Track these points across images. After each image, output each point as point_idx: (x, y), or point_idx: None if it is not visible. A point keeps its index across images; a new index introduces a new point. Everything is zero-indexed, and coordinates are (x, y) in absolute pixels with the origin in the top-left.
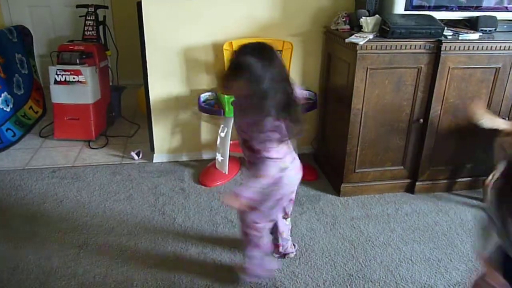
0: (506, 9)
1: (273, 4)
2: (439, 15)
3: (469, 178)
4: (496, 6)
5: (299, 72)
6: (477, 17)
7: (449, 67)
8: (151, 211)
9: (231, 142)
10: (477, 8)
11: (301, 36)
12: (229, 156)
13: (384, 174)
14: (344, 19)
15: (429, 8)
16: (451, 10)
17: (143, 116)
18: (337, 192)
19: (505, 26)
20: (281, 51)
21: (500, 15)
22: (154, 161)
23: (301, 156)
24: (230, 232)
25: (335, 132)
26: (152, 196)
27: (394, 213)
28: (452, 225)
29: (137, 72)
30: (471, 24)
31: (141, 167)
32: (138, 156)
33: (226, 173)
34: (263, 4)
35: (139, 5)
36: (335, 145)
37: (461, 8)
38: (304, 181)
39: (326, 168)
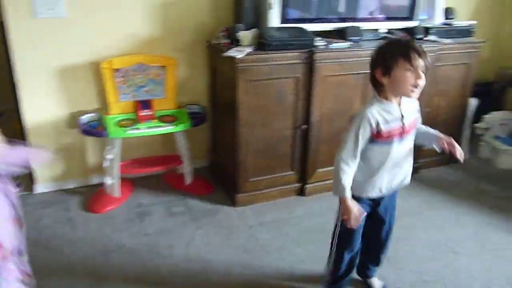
0: (376, 20)
1: (153, 20)
2: (313, 27)
3: None
4: (364, 17)
5: (187, 86)
6: (345, 27)
7: (323, 75)
8: (33, 248)
9: (121, 163)
10: (346, 20)
11: (185, 51)
12: (121, 177)
13: (276, 180)
14: (223, 34)
15: (303, 21)
16: (323, 22)
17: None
18: (233, 203)
19: (370, 35)
20: (164, 67)
21: (367, 25)
22: (36, 192)
23: (196, 170)
24: (125, 260)
25: (226, 144)
26: (34, 231)
27: (288, 217)
28: None
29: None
30: (340, 35)
31: (22, 200)
32: (18, 188)
33: (118, 196)
34: (142, 21)
35: (1, 25)
36: (227, 156)
37: (332, 20)
38: (200, 195)
39: (221, 180)
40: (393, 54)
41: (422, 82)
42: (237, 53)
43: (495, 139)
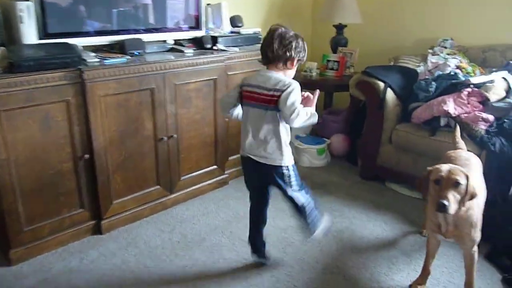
0: (161, 30)
1: None
2: (86, 41)
3: (155, 202)
4: (147, 28)
5: None
6: (124, 40)
7: (99, 95)
8: None
9: None
10: (127, 32)
11: None
12: None
13: (63, 222)
14: None
15: (72, 35)
16: (99, 35)
17: None
18: (7, 261)
19: (155, 47)
20: None
21: (151, 37)
22: None
23: None
24: None
25: None
26: None
27: (79, 264)
28: (141, 258)
29: None
30: (119, 48)
31: None
32: None
33: None
34: None
35: None
36: None
37: (110, 33)
38: None
39: None
40: (305, 51)
41: None
42: None
43: (295, 139)
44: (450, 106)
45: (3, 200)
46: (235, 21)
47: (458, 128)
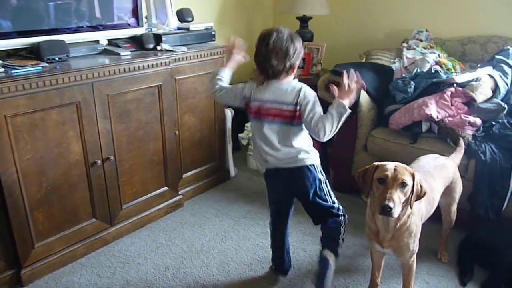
0: (87, 30)
1: None
2: None
3: (92, 238)
4: (72, 27)
5: None
6: (40, 43)
7: (4, 116)
8: None
9: None
10: (48, 32)
11: None
12: None
13: None
14: None
15: None
16: (3, 38)
17: None
18: None
19: (83, 50)
20: None
21: (78, 37)
22: None
23: None
24: None
25: None
26: None
27: None
28: None
29: None
30: (35, 54)
31: None
32: None
33: None
34: None
35: None
36: None
37: (21, 35)
38: None
39: None
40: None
41: None
42: None
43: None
44: (433, 109)
45: None
46: (183, 15)
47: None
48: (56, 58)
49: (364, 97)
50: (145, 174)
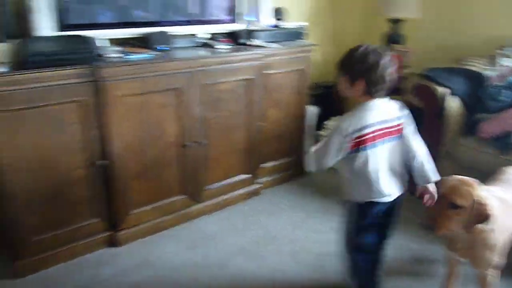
0: (193, 23)
1: None
2: (107, 34)
3: (177, 213)
4: (177, 20)
5: None
6: (150, 34)
7: (117, 96)
8: None
9: None
10: (154, 24)
11: None
12: None
13: (75, 233)
14: None
15: (93, 26)
16: (121, 27)
17: None
18: (14, 273)
19: (185, 42)
20: None
21: (181, 30)
22: None
23: None
24: None
25: None
26: None
27: (89, 282)
28: (158, 280)
29: None
30: (145, 43)
31: None
32: None
33: None
34: None
35: None
36: (1, 212)
37: (134, 25)
38: None
39: (2, 242)
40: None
41: None
42: None
43: None
44: None
45: (8, 208)
46: (276, 13)
47: None
48: (162, 48)
49: (454, 103)
50: (229, 160)
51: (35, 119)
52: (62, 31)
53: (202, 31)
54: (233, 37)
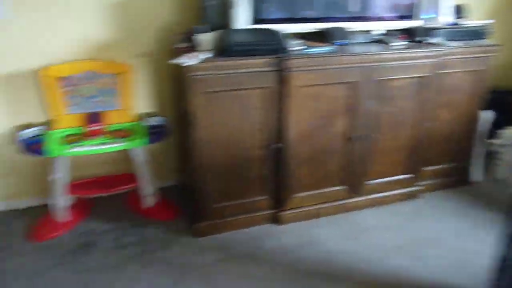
0: (369, 19)
1: (109, 22)
2: (291, 28)
3: (336, 203)
4: (354, 16)
5: (149, 96)
6: (330, 29)
7: (297, 86)
8: None
9: (72, 183)
10: (333, 20)
11: (145, 57)
12: (76, 199)
13: (245, 206)
14: (182, 37)
15: (281, 21)
16: (303, 22)
17: None
18: (193, 233)
19: (361, 38)
20: (118, 75)
21: (357, 26)
22: None
23: (164, 191)
24: None
25: (188, 163)
26: None
27: (255, 251)
28: (317, 261)
29: None
30: (323, 37)
31: None
32: None
33: (65, 221)
34: (97, 22)
35: None
36: (190, 177)
37: (314, 20)
38: (161, 221)
39: (185, 205)
40: None
41: None
42: (188, 59)
43: None
44: None
45: (198, 176)
46: (458, 10)
47: None
48: (340, 43)
49: None
50: (392, 158)
51: (228, 101)
52: (254, 24)
53: (378, 27)
54: (409, 34)
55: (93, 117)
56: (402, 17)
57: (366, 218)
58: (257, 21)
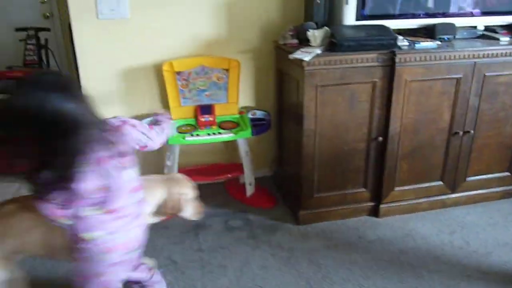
0: (472, 15)
1: (218, 19)
2: (394, 23)
3: (435, 198)
4: (457, 12)
5: (251, 91)
6: (435, 24)
7: (405, 80)
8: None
9: (179, 170)
10: (435, 15)
11: (250, 53)
12: None
13: (345, 197)
14: (291, 33)
15: (383, 17)
16: (407, 18)
17: None
18: (295, 220)
19: (465, 33)
20: (227, 69)
21: (460, 21)
22: None
23: (260, 180)
24: (175, 278)
25: (290, 154)
26: None
27: (356, 241)
28: (419, 253)
29: None
30: (429, 33)
31: None
32: None
33: None
34: (207, 20)
35: (69, 26)
36: (291, 168)
37: (418, 16)
38: (262, 209)
39: (285, 194)
40: None
41: None
42: (305, 55)
43: None
44: None
45: (303, 167)
46: None
47: None
48: (445, 38)
49: None
50: (493, 155)
51: (336, 94)
52: (358, 20)
53: (483, 23)
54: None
55: (205, 109)
56: (506, 13)
57: (466, 215)
58: (360, 17)
